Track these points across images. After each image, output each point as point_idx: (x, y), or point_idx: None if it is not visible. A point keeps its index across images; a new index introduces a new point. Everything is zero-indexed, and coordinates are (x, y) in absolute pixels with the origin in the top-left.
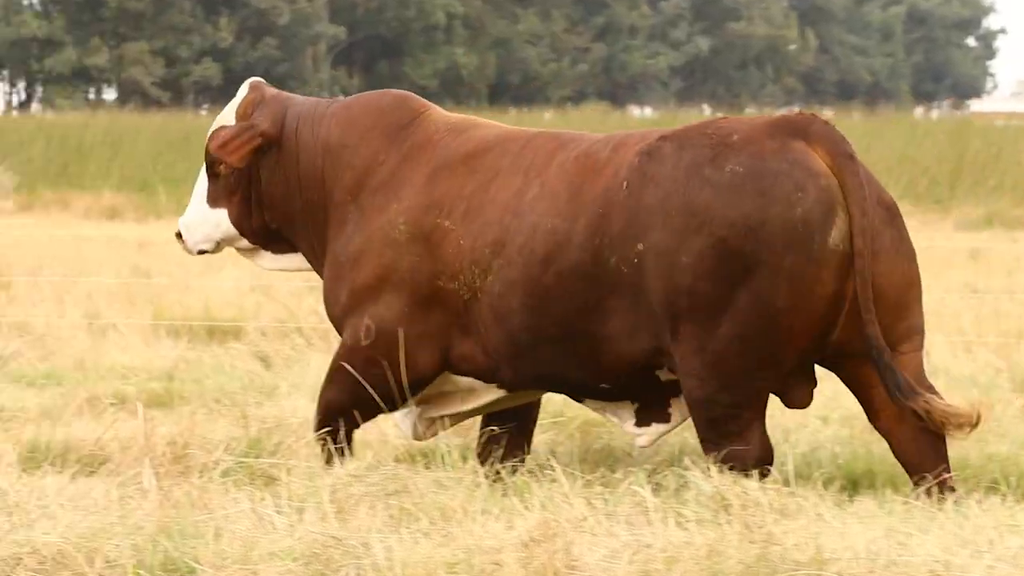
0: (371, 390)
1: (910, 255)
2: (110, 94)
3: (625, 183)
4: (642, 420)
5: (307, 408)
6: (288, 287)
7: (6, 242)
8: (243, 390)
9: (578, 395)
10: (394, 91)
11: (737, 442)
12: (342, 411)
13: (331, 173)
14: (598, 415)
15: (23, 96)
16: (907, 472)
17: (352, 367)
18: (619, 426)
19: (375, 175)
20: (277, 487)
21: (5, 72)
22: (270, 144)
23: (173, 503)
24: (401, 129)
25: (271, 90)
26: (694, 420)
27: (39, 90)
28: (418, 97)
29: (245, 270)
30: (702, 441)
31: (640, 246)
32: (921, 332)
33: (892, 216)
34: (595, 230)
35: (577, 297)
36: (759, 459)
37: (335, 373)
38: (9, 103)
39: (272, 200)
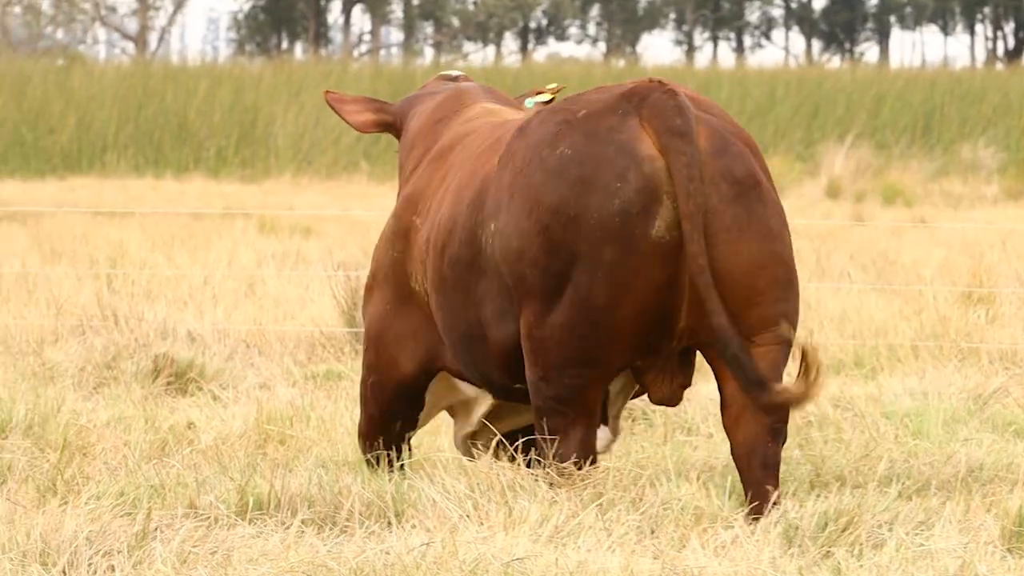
0: (372, 400)
1: (763, 233)
2: None
3: (498, 161)
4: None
5: None
6: None
7: (988, 240)
8: None
9: (510, 399)
10: (453, 85)
11: (560, 440)
12: (374, 423)
13: None
14: None
15: (1010, 42)
16: (741, 481)
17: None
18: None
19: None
20: None
21: (987, 10)
22: None
23: None
24: (436, 123)
25: None
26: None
27: None
28: (474, 91)
29: None
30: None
31: (492, 226)
32: (782, 319)
33: (742, 192)
34: (473, 212)
35: (465, 285)
36: (577, 453)
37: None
38: (992, 50)
39: None
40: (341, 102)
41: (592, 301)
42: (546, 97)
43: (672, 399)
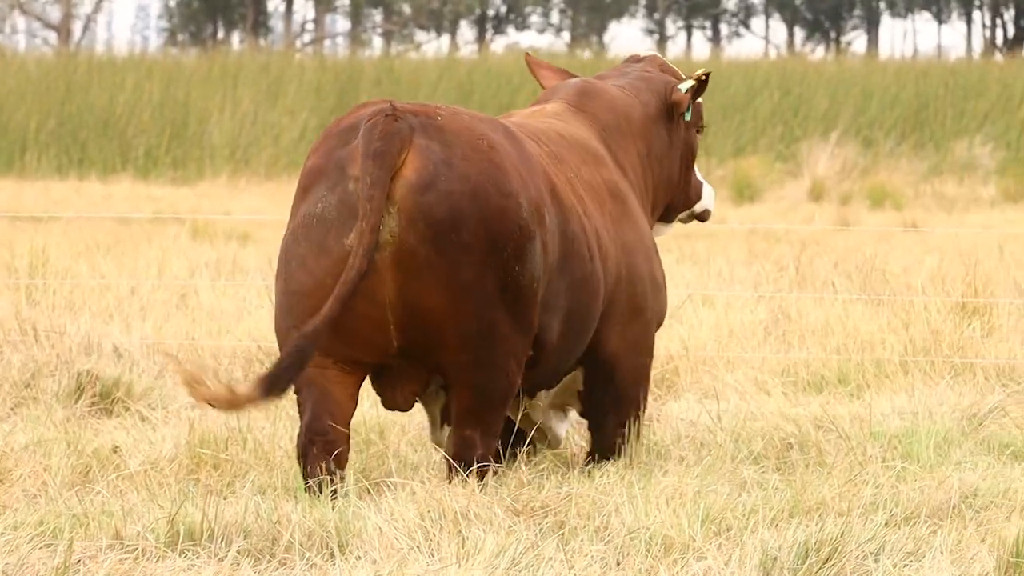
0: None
1: (448, 282)
2: None
3: None
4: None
5: None
6: None
7: (985, 245)
8: None
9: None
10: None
11: (301, 415)
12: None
13: None
14: None
15: (1010, 31)
16: None
17: None
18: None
19: None
20: None
21: None
22: None
23: None
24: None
25: None
26: None
27: None
28: (559, 88)
29: None
30: None
31: None
32: (471, 365)
33: (437, 234)
34: None
35: None
36: (303, 438)
37: None
38: (991, 39)
39: None
40: (539, 67)
41: (290, 285)
42: (690, 84)
43: (404, 405)
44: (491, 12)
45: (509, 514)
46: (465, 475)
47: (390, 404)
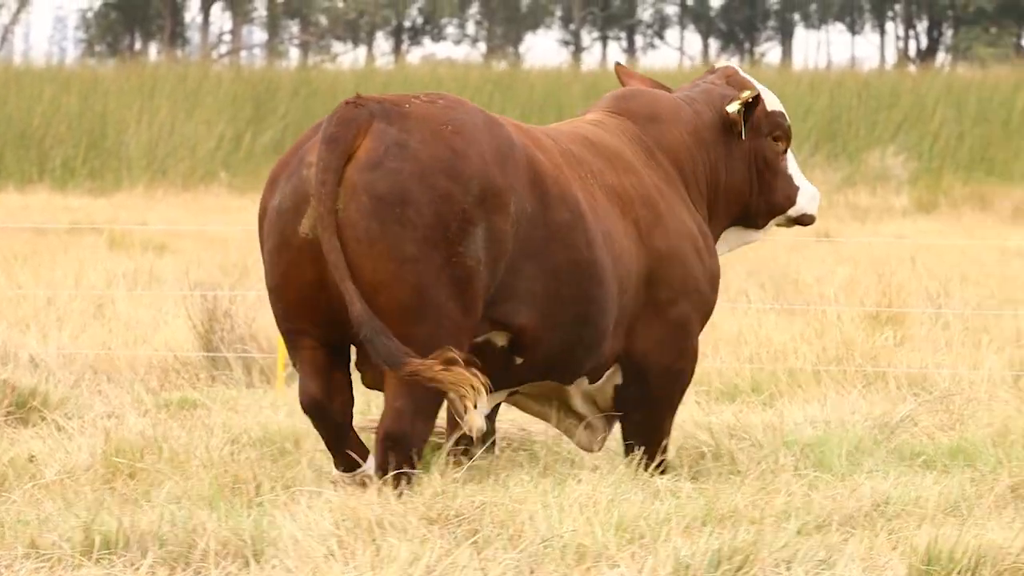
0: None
1: (390, 254)
2: None
3: None
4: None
5: None
6: None
7: (898, 256)
8: None
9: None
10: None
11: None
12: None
13: None
14: None
15: (923, 42)
16: None
17: None
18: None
19: None
20: None
21: (898, 8)
22: None
23: None
24: None
25: None
26: None
27: (947, 34)
28: (605, 97)
29: None
30: None
31: None
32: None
33: (380, 208)
34: None
35: None
36: (302, 403)
37: None
38: (904, 51)
39: None
40: (629, 76)
41: (268, 285)
42: (737, 106)
43: (380, 385)
44: (407, 23)
45: (424, 522)
46: (389, 455)
47: (369, 383)
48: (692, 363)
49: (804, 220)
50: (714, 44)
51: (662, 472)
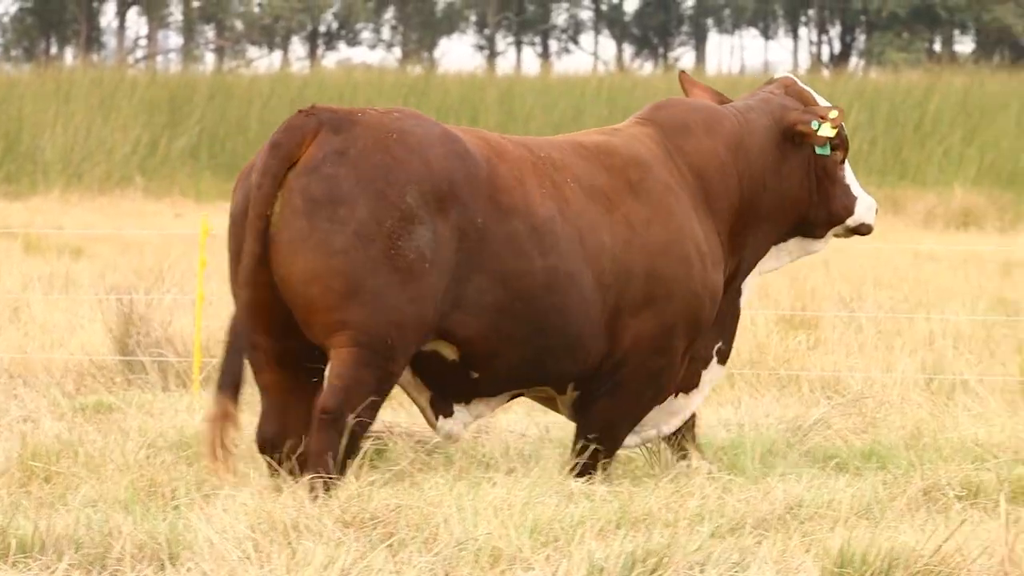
0: None
1: (321, 248)
2: (965, 45)
3: None
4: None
5: None
6: None
7: (811, 259)
8: None
9: None
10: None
11: None
12: None
13: None
14: None
15: (836, 47)
16: None
17: None
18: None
19: None
20: None
21: (811, 13)
22: None
23: None
24: None
25: None
26: None
27: (860, 38)
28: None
29: None
30: None
31: None
32: (341, 326)
33: (312, 209)
34: None
35: None
36: (256, 440)
37: None
38: (817, 55)
39: None
40: (692, 85)
41: (232, 285)
42: (828, 131)
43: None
44: (322, 28)
45: (339, 525)
46: (327, 430)
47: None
48: (669, 366)
49: (862, 230)
50: (628, 49)
51: (605, 473)
